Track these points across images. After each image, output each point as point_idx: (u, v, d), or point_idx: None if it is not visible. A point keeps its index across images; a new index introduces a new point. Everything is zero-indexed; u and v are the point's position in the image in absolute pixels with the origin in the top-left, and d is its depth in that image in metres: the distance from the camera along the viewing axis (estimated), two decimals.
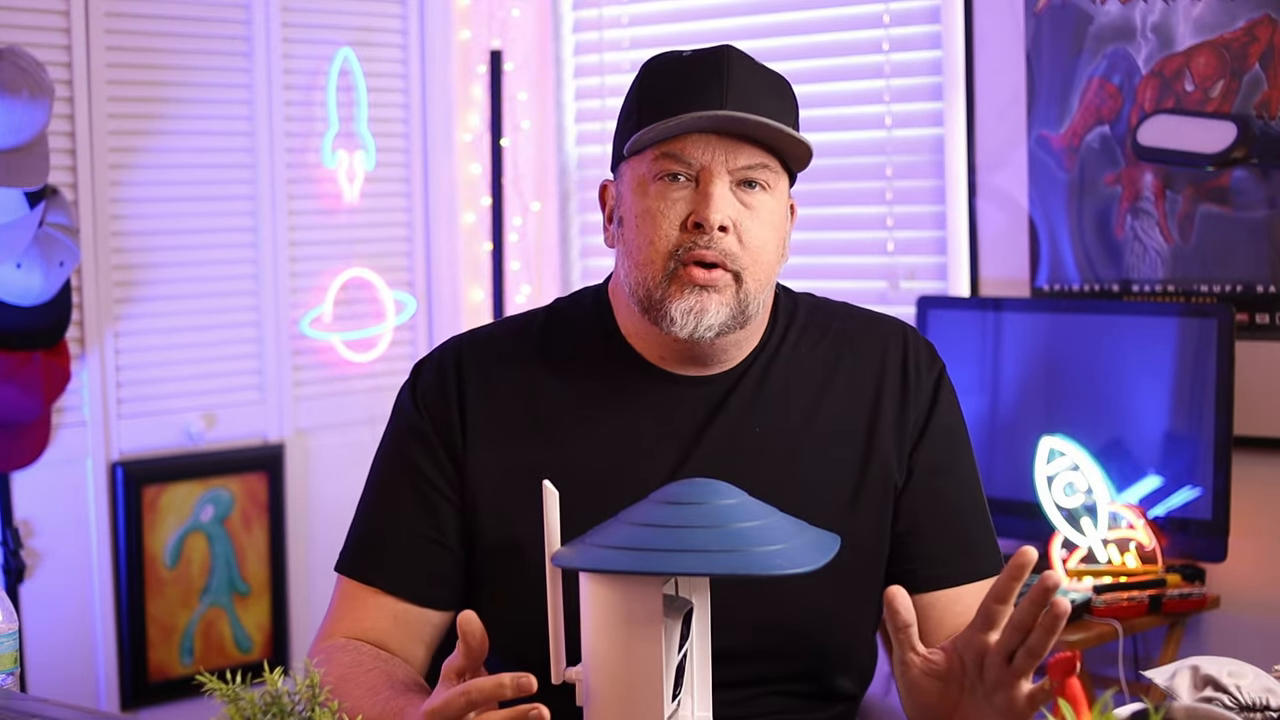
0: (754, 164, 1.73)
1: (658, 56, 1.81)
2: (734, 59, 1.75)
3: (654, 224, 1.73)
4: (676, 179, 1.73)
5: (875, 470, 1.82)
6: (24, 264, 3.20)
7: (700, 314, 1.72)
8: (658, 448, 1.80)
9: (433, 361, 1.89)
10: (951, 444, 1.87)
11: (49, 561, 3.53)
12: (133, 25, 3.64)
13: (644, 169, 1.75)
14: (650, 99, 1.75)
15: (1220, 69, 3.16)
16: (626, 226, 1.77)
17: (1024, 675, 1.50)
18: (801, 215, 4.06)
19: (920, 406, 1.85)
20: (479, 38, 4.18)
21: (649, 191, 1.74)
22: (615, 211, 1.81)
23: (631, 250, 1.76)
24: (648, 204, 1.74)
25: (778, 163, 1.76)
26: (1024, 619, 1.47)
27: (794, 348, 1.86)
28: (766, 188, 1.75)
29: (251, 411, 3.86)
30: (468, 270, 4.21)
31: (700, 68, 1.74)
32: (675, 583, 1.54)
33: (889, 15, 3.66)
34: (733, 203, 1.73)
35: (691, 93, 1.72)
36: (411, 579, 1.81)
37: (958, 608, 1.82)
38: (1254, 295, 3.15)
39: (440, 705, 1.47)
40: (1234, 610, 3.15)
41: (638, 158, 1.76)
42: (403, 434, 1.86)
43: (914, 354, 1.87)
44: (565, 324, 1.87)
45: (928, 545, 1.83)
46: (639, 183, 1.75)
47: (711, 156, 1.72)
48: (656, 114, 1.72)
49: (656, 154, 1.73)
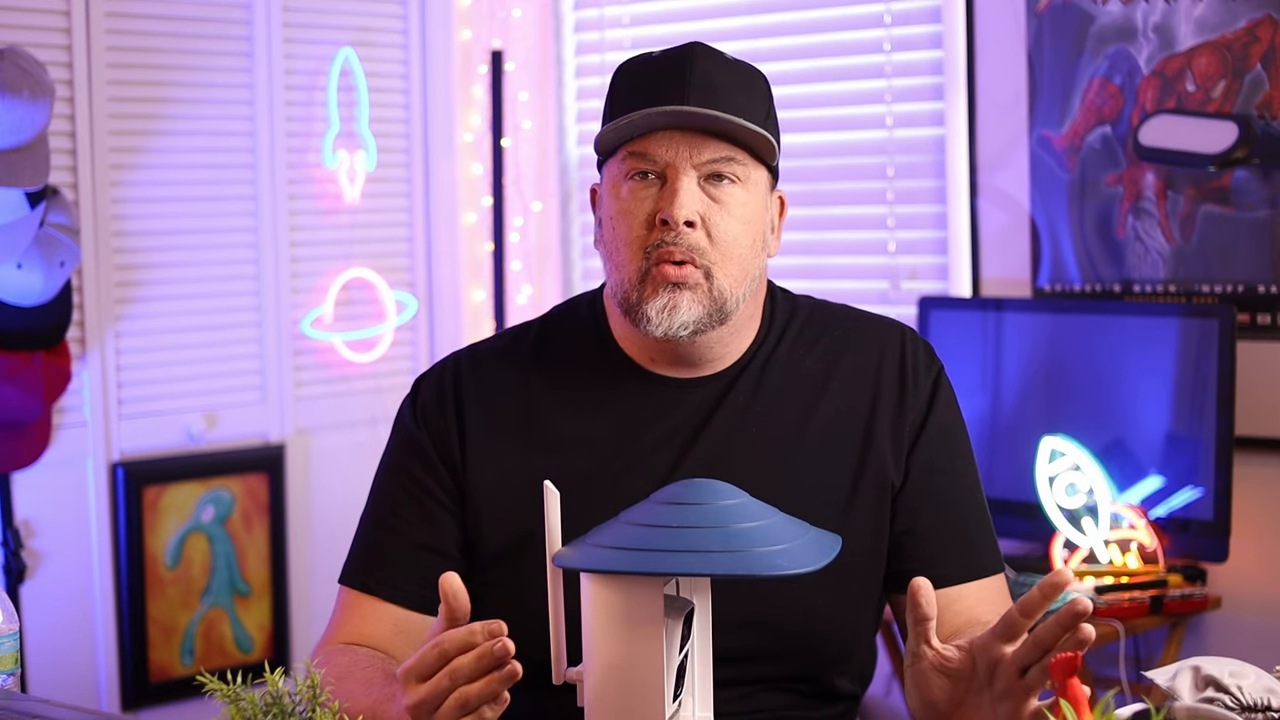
0: (719, 157, 1.74)
1: (630, 58, 1.83)
2: (698, 54, 1.77)
3: (625, 223, 1.76)
4: (645, 177, 1.75)
5: (872, 472, 1.82)
6: (25, 264, 3.20)
7: (673, 311, 1.74)
8: (654, 451, 1.81)
9: (432, 377, 1.91)
10: (950, 443, 1.87)
11: (49, 562, 3.53)
12: (133, 25, 3.64)
13: (616, 170, 1.78)
14: (618, 100, 1.78)
15: (1222, 69, 3.16)
16: (605, 228, 1.80)
17: (1034, 691, 1.49)
18: (802, 215, 4.06)
19: (918, 407, 1.85)
20: (480, 38, 4.17)
21: (621, 192, 1.77)
22: (598, 214, 1.84)
23: (610, 252, 1.79)
24: (620, 204, 1.77)
25: (747, 155, 1.76)
26: (1046, 637, 1.45)
27: (791, 349, 1.86)
28: (736, 180, 1.76)
29: (252, 412, 3.86)
30: (469, 270, 4.21)
31: (665, 66, 1.76)
32: (676, 583, 1.54)
33: (890, 15, 3.66)
34: (699, 197, 1.74)
35: (656, 91, 1.74)
36: (412, 587, 1.83)
37: (958, 607, 1.82)
38: (1255, 295, 3.15)
39: (415, 662, 1.48)
40: (1235, 611, 3.15)
41: (612, 159, 1.78)
42: (403, 448, 1.89)
43: (912, 355, 1.87)
44: (560, 332, 1.90)
45: (927, 545, 1.83)
46: (613, 184, 1.78)
47: (675, 153, 1.74)
48: (620, 113, 1.75)
49: (625, 154, 1.76)
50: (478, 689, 1.46)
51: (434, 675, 1.47)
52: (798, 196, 3.80)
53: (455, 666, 1.45)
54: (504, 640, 1.45)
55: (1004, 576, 1.88)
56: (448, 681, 1.46)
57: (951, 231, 3.55)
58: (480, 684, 1.46)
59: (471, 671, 1.45)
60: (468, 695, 1.46)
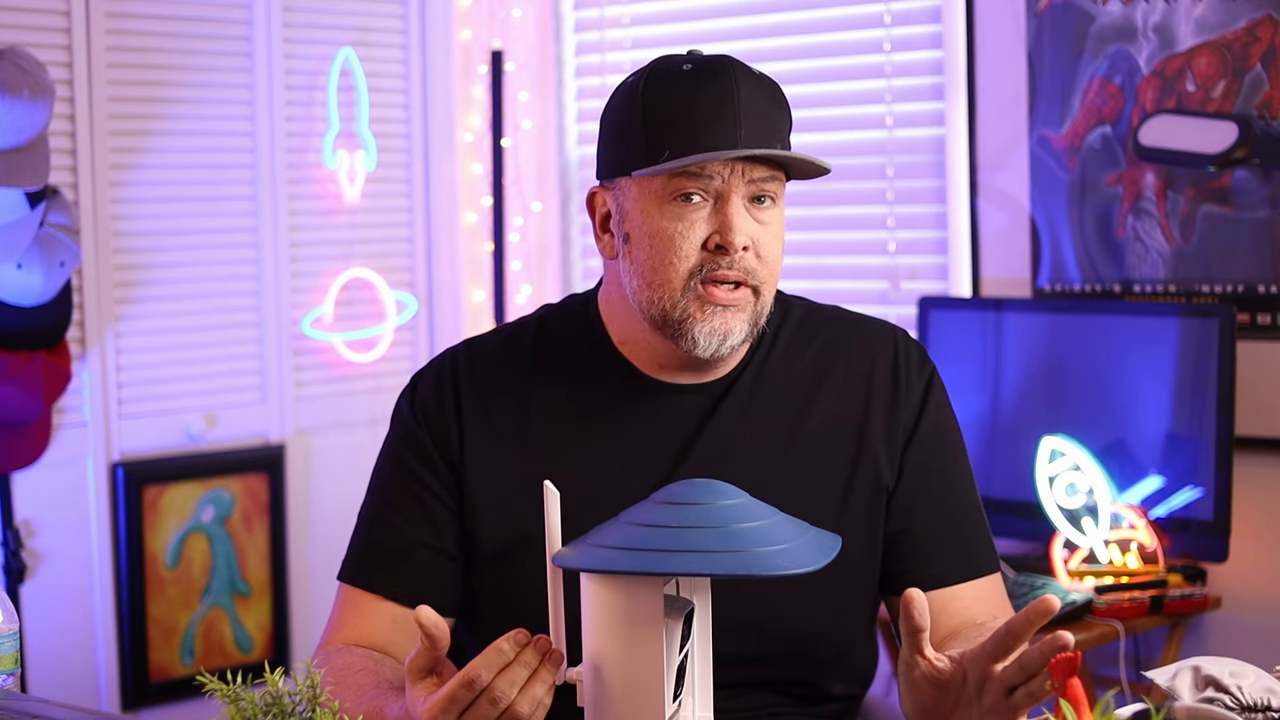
0: (766, 177, 1.75)
1: (658, 68, 1.79)
2: (740, 77, 1.75)
3: (672, 245, 1.73)
4: (691, 199, 1.73)
5: (866, 473, 1.83)
6: (25, 264, 3.20)
7: (725, 335, 1.75)
8: (650, 455, 1.81)
9: (429, 372, 1.91)
10: (943, 443, 1.87)
11: (50, 562, 3.53)
12: (133, 25, 3.64)
13: (656, 187, 1.74)
14: (659, 118, 1.74)
15: (1222, 69, 3.16)
16: (636, 245, 1.76)
17: (1021, 712, 1.48)
18: (802, 215, 4.07)
19: (911, 407, 1.86)
20: (480, 38, 4.17)
21: (664, 212, 1.74)
22: (617, 225, 1.80)
23: (644, 270, 1.76)
24: (664, 225, 1.74)
25: (782, 172, 1.78)
26: (1031, 662, 1.45)
27: (784, 353, 1.87)
28: (774, 200, 1.77)
29: (252, 412, 3.86)
30: (469, 270, 4.21)
31: (708, 88, 1.73)
32: (676, 583, 1.54)
33: (890, 15, 3.66)
34: (750, 222, 1.74)
35: (706, 118, 1.72)
36: (410, 584, 1.83)
37: (954, 608, 1.82)
38: (1255, 295, 3.15)
39: (445, 704, 1.46)
40: (1235, 611, 3.15)
41: (646, 176, 1.75)
42: (401, 444, 1.88)
43: (904, 356, 1.88)
44: (555, 333, 1.89)
45: (922, 545, 1.84)
46: (652, 201, 1.75)
47: (728, 178, 1.73)
48: (668, 137, 1.72)
49: (671, 174, 1.73)
50: (525, 698, 1.46)
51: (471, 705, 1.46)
52: (798, 196, 3.80)
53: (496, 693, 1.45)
54: (536, 638, 1.46)
55: (1000, 576, 1.88)
56: (490, 707, 1.45)
57: (951, 231, 3.55)
58: (525, 695, 1.46)
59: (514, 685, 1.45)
60: (518, 712, 1.46)
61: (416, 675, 1.50)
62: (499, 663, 1.45)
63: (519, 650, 1.46)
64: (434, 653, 1.49)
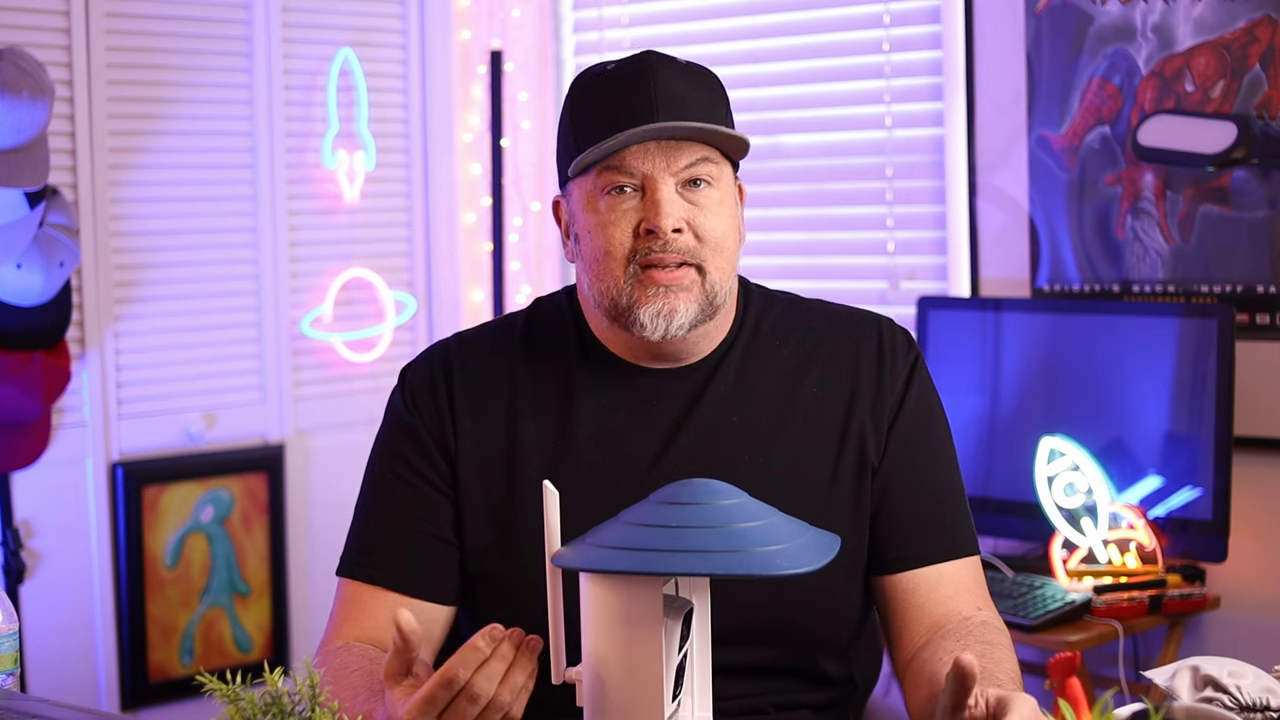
0: (694, 161, 1.78)
1: (584, 73, 1.85)
2: (657, 64, 1.79)
3: (606, 235, 1.78)
4: (623, 190, 1.78)
5: (853, 453, 1.85)
6: (24, 264, 3.20)
7: (670, 315, 1.77)
8: (638, 440, 1.84)
9: (420, 364, 1.94)
10: (926, 425, 1.89)
11: (49, 562, 3.53)
12: (133, 25, 3.64)
13: (590, 185, 1.79)
14: (583, 119, 1.80)
15: (1220, 69, 3.16)
16: (583, 242, 1.82)
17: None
18: (802, 215, 4.06)
19: (895, 390, 1.88)
20: (479, 38, 4.17)
21: (599, 206, 1.79)
22: (570, 228, 1.85)
23: (590, 265, 1.80)
24: (599, 218, 1.78)
25: (717, 153, 1.80)
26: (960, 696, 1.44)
27: (769, 339, 1.90)
28: (711, 181, 1.79)
29: (252, 412, 3.86)
30: (468, 270, 4.21)
31: (626, 80, 1.78)
32: (675, 583, 1.54)
33: (889, 15, 3.66)
34: (681, 204, 1.77)
35: (622, 107, 1.76)
36: (411, 574, 1.83)
37: (939, 594, 1.83)
38: (1254, 295, 3.15)
39: (423, 704, 1.46)
40: (1234, 610, 3.15)
41: (582, 176, 1.80)
42: (395, 434, 1.90)
43: (889, 340, 1.91)
44: (544, 323, 1.92)
45: (901, 525, 1.85)
46: (588, 200, 1.80)
47: (652, 164, 1.76)
48: (591, 133, 1.77)
49: (599, 170, 1.78)
50: (506, 688, 1.46)
51: (450, 705, 1.46)
52: (797, 196, 3.80)
53: (475, 691, 1.46)
54: (510, 631, 1.47)
55: (979, 561, 1.89)
56: (469, 705, 1.46)
57: (950, 231, 3.55)
58: (505, 685, 1.46)
59: (492, 680, 1.46)
60: (500, 701, 1.47)
61: (393, 678, 1.52)
62: (475, 660, 1.46)
63: (495, 646, 1.46)
64: (408, 655, 1.50)
